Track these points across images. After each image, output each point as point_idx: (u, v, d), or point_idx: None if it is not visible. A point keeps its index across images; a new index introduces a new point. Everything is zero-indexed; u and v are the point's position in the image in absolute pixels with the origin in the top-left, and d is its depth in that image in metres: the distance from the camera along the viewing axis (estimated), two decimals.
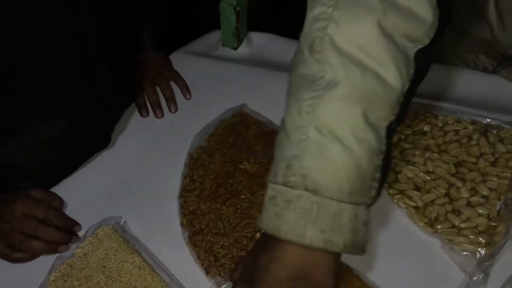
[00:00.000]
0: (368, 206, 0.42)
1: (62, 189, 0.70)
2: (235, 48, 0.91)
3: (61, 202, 0.67)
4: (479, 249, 0.59)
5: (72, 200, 0.69)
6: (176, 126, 0.79)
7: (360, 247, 0.42)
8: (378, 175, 0.42)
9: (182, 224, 0.65)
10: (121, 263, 0.58)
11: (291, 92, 0.43)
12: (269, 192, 0.42)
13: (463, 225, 0.62)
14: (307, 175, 0.40)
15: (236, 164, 0.70)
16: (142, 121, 0.80)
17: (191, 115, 0.80)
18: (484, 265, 0.58)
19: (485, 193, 0.64)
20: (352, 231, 0.41)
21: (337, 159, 0.40)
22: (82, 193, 0.70)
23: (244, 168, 0.69)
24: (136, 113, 0.81)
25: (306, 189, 0.40)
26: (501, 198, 0.63)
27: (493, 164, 0.67)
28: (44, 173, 0.71)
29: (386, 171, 0.43)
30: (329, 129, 0.40)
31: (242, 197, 0.66)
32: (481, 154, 0.68)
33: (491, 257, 0.58)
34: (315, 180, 0.40)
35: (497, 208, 0.62)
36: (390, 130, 0.42)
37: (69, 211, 0.67)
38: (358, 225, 0.41)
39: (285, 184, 0.41)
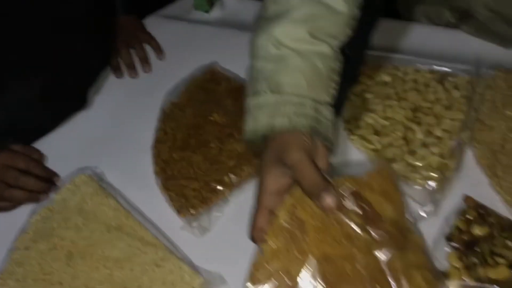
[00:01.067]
0: (330, 106, 0.51)
1: (40, 145, 0.74)
2: (207, 11, 0.94)
3: (40, 154, 0.71)
4: (430, 183, 0.63)
5: (51, 155, 0.72)
6: (150, 84, 0.82)
7: (327, 138, 0.50)
8: (335, 77, 0.52)
9: (155, 172, 0.69)
10: (97, 205, 0.62)
11: (258, 24, 0.54)
12: (246, 109, 0.52)
13: (417, 163, 0.66)
14: (270, 79, 0.50)
15: (206, 116, 0.74)
16: (118, 82, 0.84)
17: (164, 74, 0.84)
18: (435, 197, 0.62)
19: (439, 134, 0.68)
20: (315, 121, 0.49)
21: (293, 63, 0.49)
22: (60, 148, 0.74)
23: (214, 120, 0.73)
24: (112, 75, 0.84)
25: (272, 91, 0.49)
26: (453, 138, 0.67)
27: (448, 108, 0.71)
28: (23, 132, 0.74)
29: (345, 81, 0.53)
30: (283, 44, 0.50)
31: (212, 145, 0.70)
32: (437, 100, 0.72)
33: (441, 190, 0.63)
34: (277, 81, 0.49)
35: (449, 148, 0.66)
36: (347, 47, 0.52)
37: (48, 165, 0.71)
38: (321, 118, 0.50)
39: (254, 94, 0.51)
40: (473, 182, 0.65)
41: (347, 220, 0.49)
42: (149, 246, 0.58)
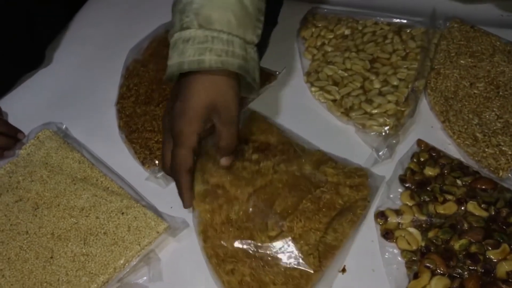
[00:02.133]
0: (256, 46, 0.52)
1: (2, 103, 0.73)
2: None
3: (2, 112, 0.71)
4: (385, 128, 0.65)
5: (13, 112, 0.72)
6: (113, 43, 0.82)
7: (251, 76, 0.51)
8: (261, 18, 0.52)
9: (119, 126, 0.70)
10: (62, 159, 0.63)
11: None
12: (170, 45, 0.50)
13: (374, 111, 0.68)
14: (199, 13, 0.48)
15: None
16: (81, 39, 0.83)
17: (127, 32, 0.83)
18: (390, 142, 0.65)
19: (395, 83, 0.70)
20: (243, 59, 0.50)
21: None
22: (23, 106, 0.74)
23: None
24: (72, 30, 0.84)
25: (200, 25, 0.48)
26: (409, 86, 0.70)
27: (404, 58, 0.73)
28: None
29: (267, 22, 0.53)
30: None
31: None
32: (394, 51, 0.75)
33: (396, 135, 0.66)
34: (207, 15, 0.48)
35: (405, 95, 0.69)
36: None
37: (12, 122, 0.71)
38: (249, 57, 0.50)
39: (182, 28, 0.49)
40: (427, 127, 0.68)
41: (248, 163, 0.60)
42: (114, 195, 0.59)
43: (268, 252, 0.53)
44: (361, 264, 0.56)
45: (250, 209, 0.56)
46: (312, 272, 0.51)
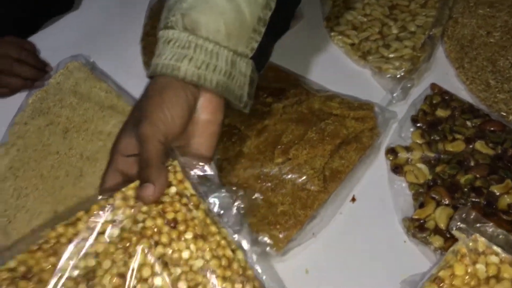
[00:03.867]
0: (250, 59, 0.45)
1: (33, 39, 0.77)
2: None
3: (33, 45, 0.74)
4: (400, 71, 0.68)
5: (43, 48, 0.76)
6: None
7: (237, 96, 0.44)
8: (261, 29, 0.44)
9: (144, 62, 0.73)
10: (90, 88, 0.67)
11: None
12: (157, 42, 0.45)
13: (391, 55, 0.70)
14: (186, 14, 0.42)
15: None
16: None
17: None
18: (405, 85, 0.67)
19: (412, 29, 0.72)
20: (227, 76, 0.43)
21: (217, 2, 0.42)
22: (52, 42, 0.77)
23: None
24: None
25: (185, 28, 0.42)
26: (426, 33, 0.71)
27: (423, 6, 0.75)
28: (15, 28, 0.77)
29: (275, 31, 0.46)
30: None
31: None
32: None
33: (411, 79, 0.68)
34: (194, 19, 0.42)
35: (422, 41, 0.70)
36: None
37: (41, 56, 0.75)
38: (236, 73, 0.44)
39: (165, 27, 0.43)
40: (442, 74, 0.70)
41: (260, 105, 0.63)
42: None
43: (276, 176, 0.56)
44: (370, 194, 0.59)
45: (260, 143, 0.59)
46: (317, 192, 0.55)
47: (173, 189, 0.42)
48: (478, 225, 0.48)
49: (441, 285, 0.45)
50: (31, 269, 0.38)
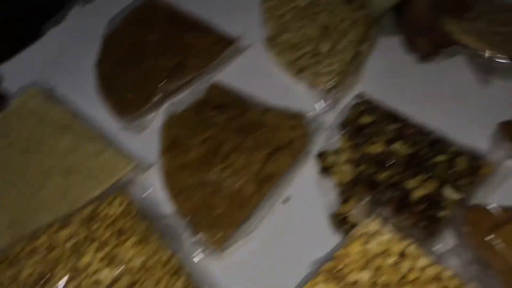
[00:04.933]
0: None
1: None
2: None
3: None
4: (330, 83, 0.74)
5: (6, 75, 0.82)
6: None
7: None
8: None
9: (97, 85, 0.79)
10: (47, 111, 0.73)
11: None
12: None
13: (322, 70, 0.77)
14: None
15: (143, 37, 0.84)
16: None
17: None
18: (335, 95, 0.74)
19: (343, 46, 0.79)
20: None
21: None
22: (12, 71, 0.83)
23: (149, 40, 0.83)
24: None
25: None
26: (355, 48, 0.79)
27: (353, 24, 0.82)
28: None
29: None
30: None
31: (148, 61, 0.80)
32: (346, 17, 0.83)
33: (341, 90, 0.75)
34: None
35: (351, 56, 0.78)
36: None
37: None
38: None
39: None
40: (369, 84, 0.77)
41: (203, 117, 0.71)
42: (91, 141, 0.69)
43: (216, 182, 0.63)
44: (301, 195, 0.65)
45: (202, 154, 0.66)
46: (252, 194, 0.61)
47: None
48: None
49: (336, 263, 0.52)
50: None
